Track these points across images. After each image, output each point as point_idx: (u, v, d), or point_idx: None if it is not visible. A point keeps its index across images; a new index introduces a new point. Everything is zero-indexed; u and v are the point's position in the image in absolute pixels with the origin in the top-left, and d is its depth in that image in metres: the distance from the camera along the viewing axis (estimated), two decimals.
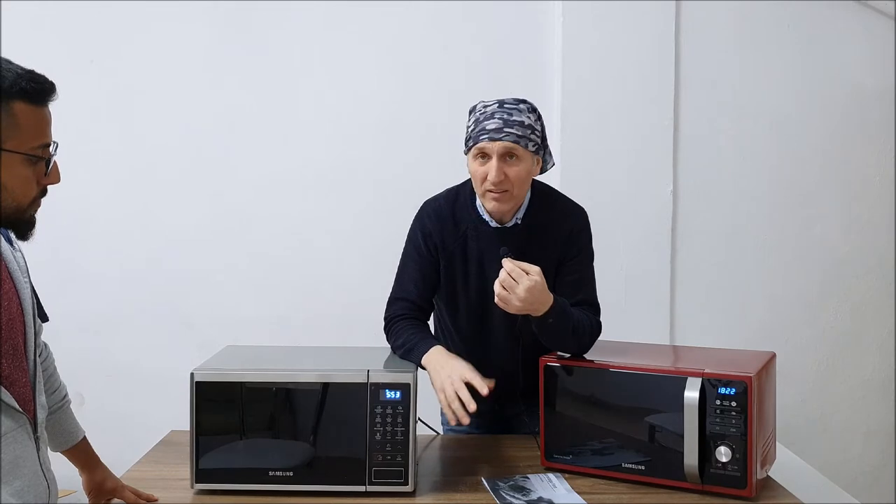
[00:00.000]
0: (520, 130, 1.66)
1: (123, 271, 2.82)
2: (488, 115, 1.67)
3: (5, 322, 1.16)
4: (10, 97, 1.07)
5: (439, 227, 1.82)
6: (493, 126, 1.66)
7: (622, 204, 2.83)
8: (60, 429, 1.46)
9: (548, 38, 2.84)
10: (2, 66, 1.08)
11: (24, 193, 1.11)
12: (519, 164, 1.68)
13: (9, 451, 1.14)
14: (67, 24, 2.76)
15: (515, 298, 1.57)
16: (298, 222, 2.85)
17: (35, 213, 1.16)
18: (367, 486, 1.55)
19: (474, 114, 1.72)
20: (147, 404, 2.71)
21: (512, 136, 1.65)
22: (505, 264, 1.58)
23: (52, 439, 1.45)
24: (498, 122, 1.65)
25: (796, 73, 2.94)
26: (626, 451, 1.63)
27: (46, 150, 1.14)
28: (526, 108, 1.69)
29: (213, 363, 1.64)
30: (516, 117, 1.66)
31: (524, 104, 1.70)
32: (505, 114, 1.66)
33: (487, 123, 1.66)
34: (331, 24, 2.81)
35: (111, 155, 2.80)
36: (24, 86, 1.08)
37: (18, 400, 1.16)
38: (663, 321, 2.89)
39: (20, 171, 1.10)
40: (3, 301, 1.17)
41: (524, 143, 1.67)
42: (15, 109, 1.08)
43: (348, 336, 2.22)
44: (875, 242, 3.02)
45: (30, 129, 1.10)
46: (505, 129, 1.65)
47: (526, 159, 1.69)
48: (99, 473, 1.52)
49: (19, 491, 1.15)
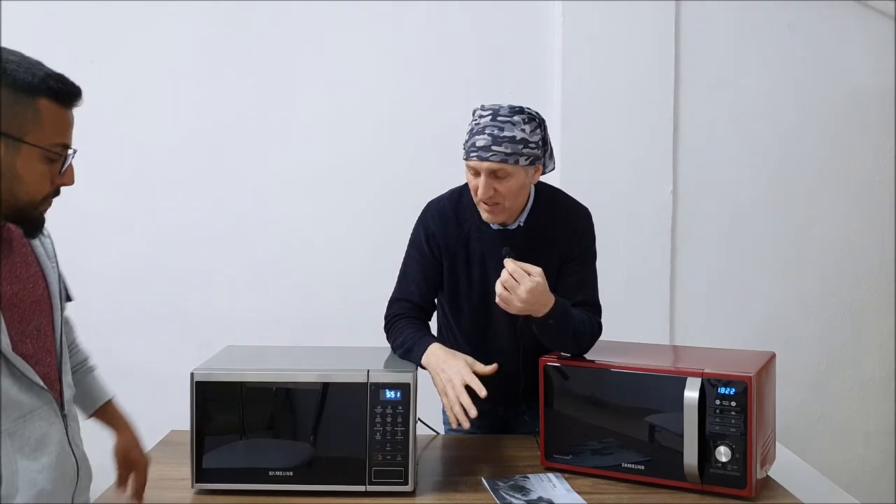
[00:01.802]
0: (509, 147, 1.62)
1: (123, 271, 2.82)
2: (480, 129, 1.64)
3: (29, 304, 1.21)
4: (38, 93, 1.11)
5: (442, 227, 1.82)
6: (482, 143, 1.63)
7: (622, 204, 2.83)
8: (85, 392, 1.49)
9: (548, 38, 2.84)
10: (33, 66, 1.13)
11: (37, 189, 1.15)
12: (509, 180, 1.66)
13: (35, 428, 1.18)
14: (67, 24, 2.76)
15: (517, 299, 1.57)
16: (298, 222, 2.85)
17: (45, 211, 1.20)
18: (367, 485, 1.55)
19: (472, 121, 1.69)
20: (147, 404, 2.67)
21: (499, 156, 1.62)
22: (507, 265, 1.58)
23: (81, 404, 1.47)
24: (486, 140, 1.63)
25: (796, 73, 2.94)
26: (626, 451, 1.63)
27: (65, 150, 1.18)
28: (521, 120, 1.64)
29: (213, 363, 1.64)
30: (507, 132, 1.62)
31: (520, 115, 1.65)
32: (496, 128, 1.62)
33: (477, 139, 1.64)
34: (331, 25, 2.81)
35: (111, 155, 2.79)
36: (53, 85, 1.13)
37: (44, 378, 1.20)
38: (663, 321, 2.89)
39: (37, 167, 1.13)
40: (28, 284, 1.21)
41: (513, 160, 1.63)
42: (40, 105, 1.12)
43: (348, 336, 2.21)
44: (875, 242, 3.02)
45: (52, 128, 1.14)
46: (493, 147, 1.62)
47: (517, 174, 1.67)
48: (126, 437, 1.52)
49: (46, 467, 1.18)
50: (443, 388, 1.62)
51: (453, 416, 1.59)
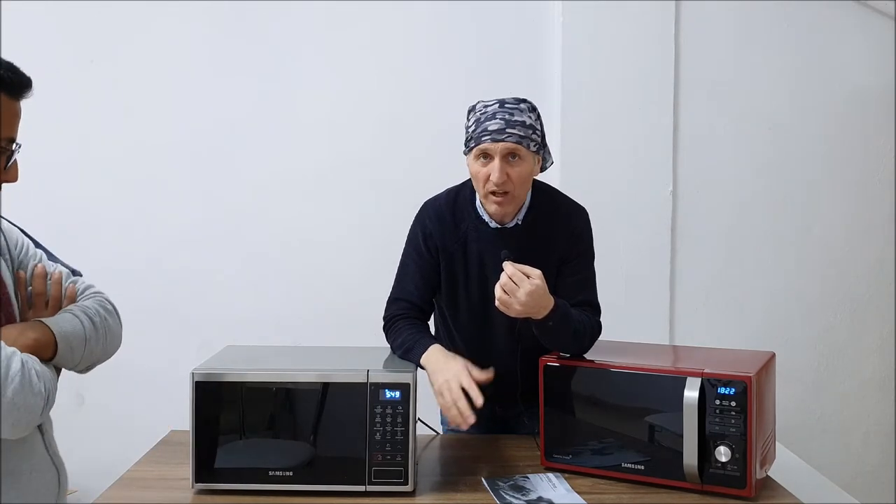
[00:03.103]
0: (522, 131, 1.65)
1: (123, 271, 2.81)
2: (490, 116, 1.66)
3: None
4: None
5: (440, 227, 1.82)
6: (496, 126, 1.65)
7: (622, 204, 2.83)
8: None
9: (548, 38, 2.84)
10: None
11: None
12: (521, 165, 1.68)
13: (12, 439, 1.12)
14: (67, 24, 2.76)
15: (516, 302, 1.56)
16: (298, 222, 2.85)
17: None
18: (367, 485, 1.55)
19: (474, 113, 1.71)
20: (147, 404, 2.70)
21: (515, 137, 1.65)
22: (506, 268, 1.58)
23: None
24: (500, 123, 1.65)
25: (796, 73, 2.94)
26: (626, 451, 1.63)
27: (10, 144, 1.11)
28: (527, 108, 1.68)
29: (213, 363, 1.64)
30: (518, 117, 1.66)
31: (524, 103, 1.69)
32: (507, 114, 1.65)
33: (489, 124, 1.65)
34: (331, 25, 2.81)
35: (111, 155, 2.80)
36: (3, 75, 1.07)
37: None
38: (663, 321, 2.89)
39: None
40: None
41: (526, 143, 1.66)
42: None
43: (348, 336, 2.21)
44: (875, 242, 3.02)
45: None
46: (507, 129, 1.64)
47: (528, 159, 1.69)
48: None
49: (28, 475, 1.14)
50: (439, 388, 1.63)
51: (449, 416, 1.60)
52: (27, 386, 1.05)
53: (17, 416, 1.05)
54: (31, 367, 1.08)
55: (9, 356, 1.05)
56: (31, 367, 1.08)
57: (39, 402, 1.08)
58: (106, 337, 1.31)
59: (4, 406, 1.02)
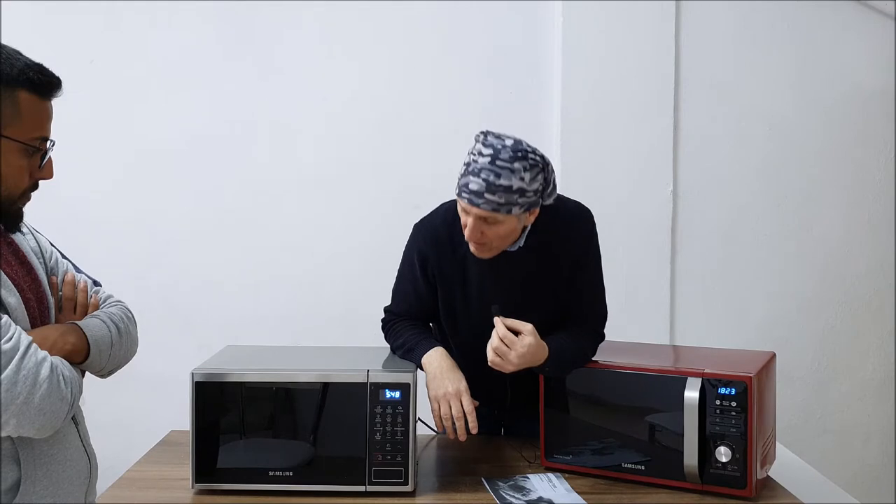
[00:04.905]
0: (503, 197, 1.51)
1: (123, 271, 2.82)
2: (476, 171, 1.52)
3: (36, 303, 1.19)
4: (17, 85, 1.08)
5: (436, 251, 1.74)
6: (475, 188, 1.51)
7: (622, 204, 2.83)
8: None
9: (548, 38, 2.84)
10: (11, 55, 1.10)
11: (16, 184, 1.12)
12: (499, 227, 1.57)
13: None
14: (67, 24, 2.76)
15: (509, 364, 1.57)
16: (298, 222, 2.85)
17: (23, 205, 1.17)
18: (367, 485, 1.55)
19: (470, 154, 1.57)
20: (147, 404, 2.70)
21: (490, 205, 1.51)
22: (497, 326, 1.57)
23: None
24: (480, 185, 1.51)
25: (796, 73, 2.94)
26: (626, 451, 1.63)
27: (44, 143, 1.15)
28: (521, 168, 1.51)
29: (213, 363, 1.64)
30: (504, 180, 1.50)
31: (521, 161, 1.51)
32: (492, 174, 1.50)
33: (471, 181, 1.52)
34: (331, 25, 2.81)
35: (111, 155, 2.79)
36: (32, 76, 1.10)
37: None
38: (663, 321, 2.89)
39: (15, 161, 1.11)
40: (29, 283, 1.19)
41: (506, 209, 1.53)
42: (19, 98, 1.09)
43: (348, 336, 2.21)
44: (875, 242, 3.02)
45: (31, 120, 1.11)
46: (486, 194, 1.51)
47: (508, 221, 1.56)
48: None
49: (62, 466, 1.17)
50: (435, 397, 1.64)
51: (445, 426, 1.62)
52: (55, 392, 1.09)
53: (43, 420, 1.08)
54: (59, 373, 1.11)
55: (39, 362, 1.07)
56: (59, 373, 1.11)
57: (64, 406, 1.11)
58: (128, 343, 1.35)
59: (32, 411, 1.06)
